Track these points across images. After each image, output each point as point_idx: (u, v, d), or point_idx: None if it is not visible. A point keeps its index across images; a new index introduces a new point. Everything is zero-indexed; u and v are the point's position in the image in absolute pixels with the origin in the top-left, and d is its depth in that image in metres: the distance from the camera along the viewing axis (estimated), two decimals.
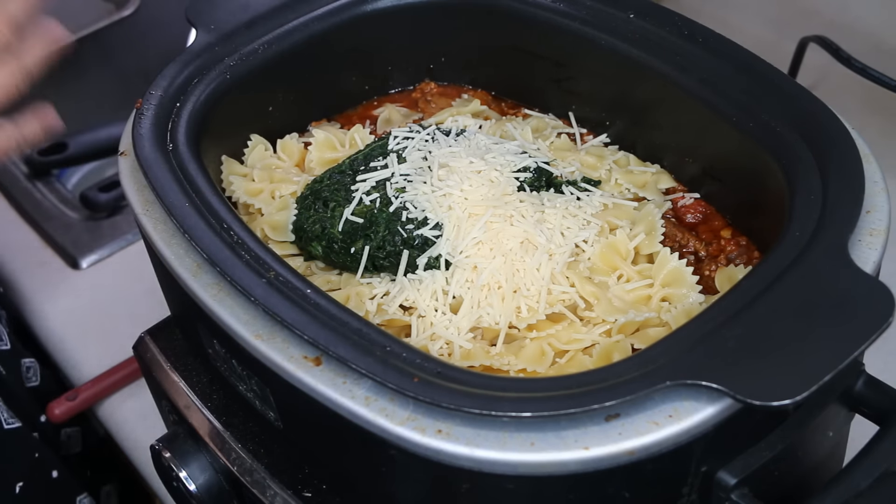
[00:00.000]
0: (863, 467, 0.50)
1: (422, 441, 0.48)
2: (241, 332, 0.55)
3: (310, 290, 0.55)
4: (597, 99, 0.77)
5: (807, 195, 0.57)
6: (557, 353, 0.61)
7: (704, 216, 0.71)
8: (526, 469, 0.48)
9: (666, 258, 0.65)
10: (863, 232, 0.56)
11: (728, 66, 0.67)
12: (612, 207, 0.70)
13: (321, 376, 0.52)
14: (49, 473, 0.93)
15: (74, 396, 0.98)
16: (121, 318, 1.04)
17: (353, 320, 0.54)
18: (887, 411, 0.53)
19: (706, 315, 0.52)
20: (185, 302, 0.61)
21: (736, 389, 0.46)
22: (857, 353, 0.47)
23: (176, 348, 0.74)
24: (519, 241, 0.64)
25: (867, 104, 1.08)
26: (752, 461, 0.51)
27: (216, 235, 0.59)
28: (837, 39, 1.04)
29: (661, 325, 0.62)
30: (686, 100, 0.68)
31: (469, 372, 0.52)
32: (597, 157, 0.75)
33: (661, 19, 0.71)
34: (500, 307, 0.62)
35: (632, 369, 0.49)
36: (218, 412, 0.68)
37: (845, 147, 0.59)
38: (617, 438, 0.47)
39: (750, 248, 0.68)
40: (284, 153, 0.77)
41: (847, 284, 0.51)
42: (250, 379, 0.60)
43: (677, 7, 0.75)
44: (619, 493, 0.50)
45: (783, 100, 0.63)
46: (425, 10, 0.81)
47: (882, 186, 0.60)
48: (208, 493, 0.68)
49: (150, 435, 0.75)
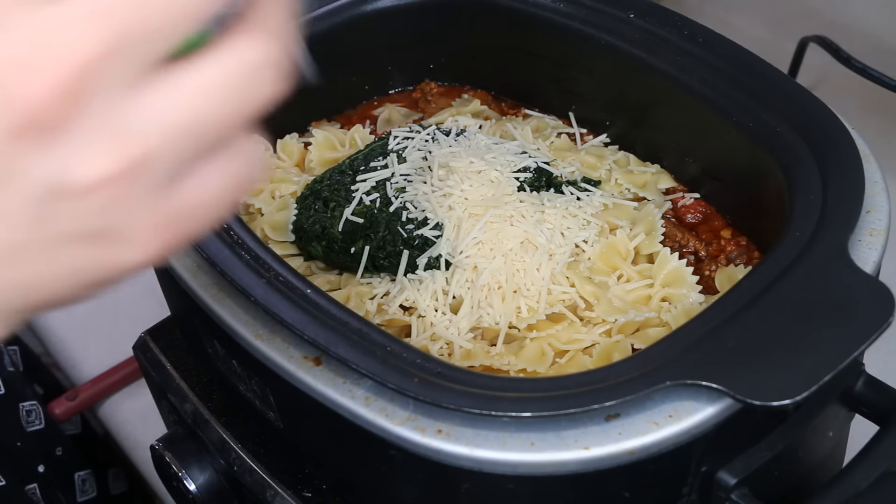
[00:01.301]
0: (863, 467, 0.50)
1: (422, 441, 0.48)
2: (241, 332, 0.55)
3: (310, 290, 0.55)
4: (597, 99, 0.77)
5: (807, 195, 0.57)
6: (557, 353, 0.61)
7: (704, 216, 0.71)
8: (526, 469, 0.48)
9: (666, 258, 0.65)
10: (863, 232, 0.56)
11: (728, 66, 0.67)
12: (612, 207, 0.70)
13: (321, 376, 0.52)
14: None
15: (74, 396, 0.98)
16: (121, 318, 1.03)
17: (353, 320, 0.54)
18: (887, 411, 0.53)
19: (706, 315, 0.52)
20: (185, 302, 0.61)
21: (736, 389, 0.46)
22: (857, 353, 0.47)
23: (176, 348, 0.74)
24: (519, 241, 0.64)
25: (867, 104, 1.08)
26: (752, 461, 0.51)
27: (216, 235, 0.59)
28: (837, 39, 1.04)
29: (661, 325, 0.62)
30: (686, 100, 0.68)
31: (469, 372, 0.52)
32: (597, 157, 0.75)
33: (661, 19, 0.71)
34: (500, 307, 0.62)
35: (632, 369, 0.49)
36: (218, 412, 0.68)
37: (845, 147, 0.59)
38: (617, 438, 0.47)
39: (750, 248, 0.68)
40: (284, 153, 0.77)
41: (847, 284, 0.51)
42: (250, 379, 0.60)
43: (677, 7, 0.75)
44: (619, 493, 0.50)
45: (783, 100, 0.63)
46: (425, 10, 0.81)
47: (882, 186, 0.60)
48: (208, 493, 0.68)
49: (150, 435, 0.75)
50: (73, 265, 0.31)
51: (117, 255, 0.31)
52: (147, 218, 0.31)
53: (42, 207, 0.29)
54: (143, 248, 0.32)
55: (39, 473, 0.96)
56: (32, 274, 0.31)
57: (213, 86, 0.30)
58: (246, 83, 0.31)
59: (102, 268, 0.32)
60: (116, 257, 0.32)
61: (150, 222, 0.31)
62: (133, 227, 0.31)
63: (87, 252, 0.31)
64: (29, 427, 0.98)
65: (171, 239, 0.32)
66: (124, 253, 0.31)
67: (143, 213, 0.31)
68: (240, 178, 0.33)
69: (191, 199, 0.32)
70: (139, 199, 0.30)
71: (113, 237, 0.31)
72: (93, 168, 0.29)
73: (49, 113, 0.28)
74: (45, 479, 0.96)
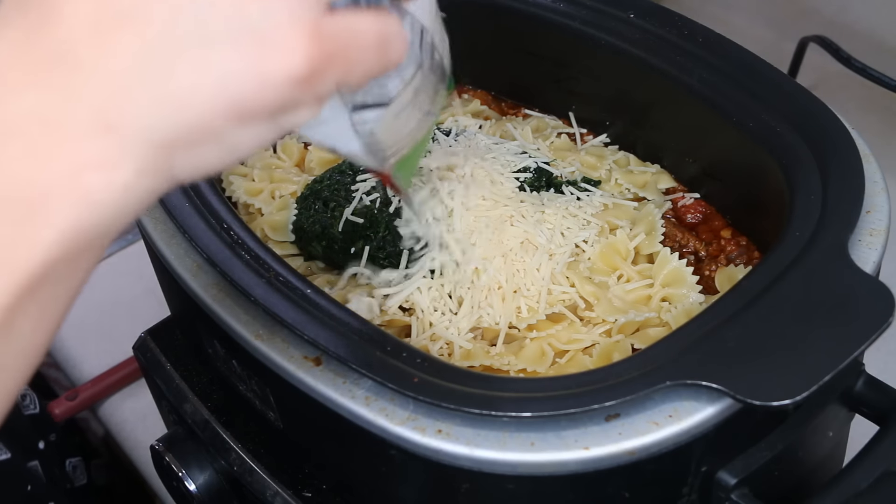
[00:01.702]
0: (863, 467, 0.50)
1: (422, 441, 0.48)
2: (241, 332, 0.55)
3: (310, 290, 0.55)
4: (597, 99, 0.77)
5: (807, 195, 0.57)
6: (557, 353, 0.61)
7: (704, 216, 0.71)
8: (526, 469, 0.48)
9: (666, 258, 0.65)
10: (863, 232, 0.56)
11: (728, 66, 0.67)
12: (612, 207, 0.70)
13: (321, 376, 0.52)
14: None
15: (74, 396, 0.98)
16: (121, 318, 1.03)
17: (353, 320, 0.54)
18: (887, 411, 0.53)
19: (706, 315, 0.52)
20: (185, 302, 0.61)
21: (736, 389, 0.46)
22: (857, 353, 0.47)
23: (176, 348, 0.74)
24: (519, 241, 0.64)
25: (867, 104, 1.08)
26: (752, 461, 0.51)
27: (216, 235, 0.59)
28: (837, 39, 1.04)
29: (661, 325, 0.62)
30: (686, 100, 0.68)
31: (469, 372, 0.52)
32: (597, 157, 0.75)
33: (661, 19, 0.71)
34: (501, 307, 0.62)
35: (632, 369, 0.49)
36: (218, 412, 0.68)
37: (845, 147, 0.59)
38: (617, 438, 0.47)
39: (750, 248, 0.68)
40: (284, 153, 0.77)
41: (847, 284, 0.51)
42: (250, 379, 0.60)
43: (677, 7, 0.75)
44: (619, 493, 0.50)
45: (783, 100, 0.63)
46: None
47: (882, 186, 0.60)
48: (208, 493, 0.68)
49: (150, 435, 0.75)
50: (223, 72, 0.30)
51: (267, 59, 0.30)
52: (301, 25, 0.30)
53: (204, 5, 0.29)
54: (292, 56, 0.31)
55: (40, 450, 0.97)
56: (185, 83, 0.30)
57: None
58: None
59: (252, 77, 0.30)
60: (266, 61, 0.30)
61: (303, 30, 0.31)
62: (286, 30, 0.30)
63: (238, 54, 0.30)
64: (25, 411, 0.99)
65: (320, 56, 0.31)
66: (273, 58, 0.30)
67: (299, 17, 0.30)
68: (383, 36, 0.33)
69: (343, 29, 0.32)
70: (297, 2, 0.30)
71: (264, 37, 0.30)
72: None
73: None
74: (47, 456, 0.97)
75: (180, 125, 0.30)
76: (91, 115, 0.29)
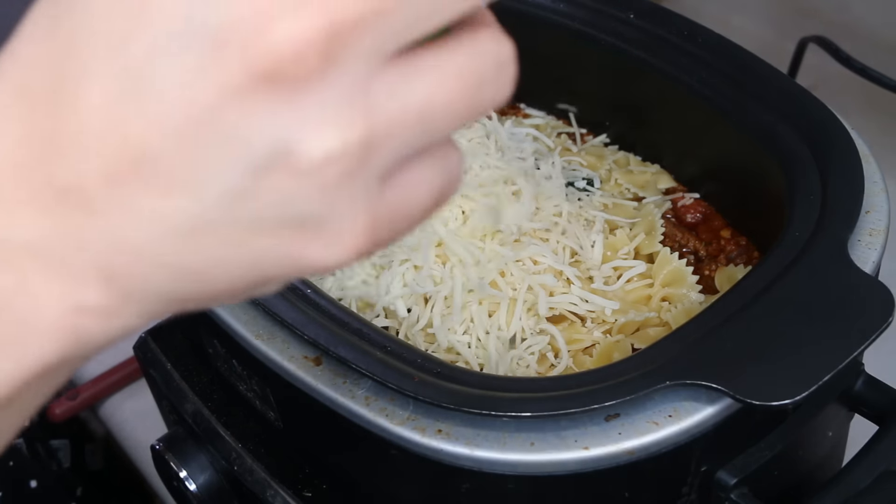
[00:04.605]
0: (862, 467, 0.50)
1: (422, 441, 0.48)
2: (241, 332, 0.55)
3: (310, 291, 0.55)
4: (597, 99, 0.77)
5: (807, 195, 0.57)
6: (557, 353, 0.61)
7: (704, 216, 0.71)
8: (526, 469, 0.48)
9: (666, 258, 0.65)
10: (862, 232, 0.56)
11: (728, 67, 0.67)
12: (612, 207, 0.70)
13: (321, 376, 0.52)
14: (27, 483, 0.92)
15: (74, 396, 0.98)
16: None
17: (353, 320, 0.54)
18: (887, 411, 0.53)
19: (706, 315, 0.52)
20: None
21: (735, 389, 0.46)
22: (857, 353, 0.47)
23: (176, 348, 0.74)
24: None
25: (867, 104, 1.08)
26: (751, 461, 0.51)
27: None
28: (837, 39, 1.04)
29: (661, 325, 0.62)
30: (686, 100, 0.68)
31: (469, 372, 0.52)
32: (597, 157, 0.75)
33: (661, 19, 0.71)
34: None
35: (632, 369, 0.49)
36: (218, 412, 0.68)
37: (845, 147, 0.59)
38: (617, 438, 0.47)
39: (750, 248, 0.68)
40: None
41: (847, 284, 0.51)
42: (250, 379, 0.60)
43: (677, 7, 0.75)
44: (619, 492, 0.50)
45: (783, 100, 0.63)
46: None
47: (882, 186, 0.60)
48: (208, 493, 0.68)
49: (150, 435, 0.75)
50: (258, 255, 0.26)
51: (311, 251, 0.26)
52: (360, 213, 0.26)
53: (252, 180, 0.24)
54: (343, 249, 0.26)
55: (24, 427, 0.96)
56: (210, 260, 0.26)
57: (454, 75, 0.26)
58: (486, 77, 0.27)
59: (288, 263, 0.26)
60: (309, 253, 0.26)
61: (361, 219, 0.26)
62: (343, 222, 0.26)
63: (281, 242, 0.26)
64: None
65: (369, 244, 0.27)
66: (319, 250, 0.26)
67: (358, 206, 0.26)
68: (442, 189, 0.28)
69: (396, 202, 0.27)
70: (360, 189, 0.25)
71: (317, 229, 0.26)
72: (327, 141, 0.24)
73: (298, 66, 0.23)
74: (30, 434, 0.98)
75: (194, 292, 0.27)
76: (95, 266, 0.26)
